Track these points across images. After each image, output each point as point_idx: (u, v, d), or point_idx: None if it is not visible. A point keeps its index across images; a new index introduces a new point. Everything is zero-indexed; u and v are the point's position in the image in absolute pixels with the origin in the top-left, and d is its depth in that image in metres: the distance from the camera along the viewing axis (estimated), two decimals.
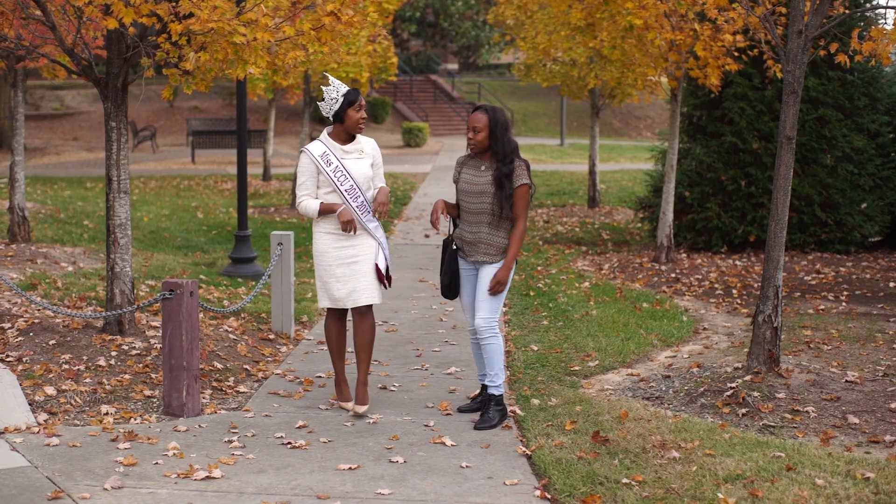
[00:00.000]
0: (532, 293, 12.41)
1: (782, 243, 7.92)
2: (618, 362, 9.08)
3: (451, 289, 7.47)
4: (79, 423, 7.20)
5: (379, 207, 7.44)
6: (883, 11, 16.07)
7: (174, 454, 6.54)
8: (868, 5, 15.12)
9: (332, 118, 7.42)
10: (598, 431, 6.85)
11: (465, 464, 6.42)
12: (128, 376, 8.03)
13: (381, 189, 7.53)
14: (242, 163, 13.49)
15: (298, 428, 7.16)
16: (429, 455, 6.62)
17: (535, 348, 9.55)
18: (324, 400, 7.90)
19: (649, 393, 8.08)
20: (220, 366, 8.55)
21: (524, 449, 6.69)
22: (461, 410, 7.59)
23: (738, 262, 14.52)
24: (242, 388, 8.19)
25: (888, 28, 8.48)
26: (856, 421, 7.18)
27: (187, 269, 13.47)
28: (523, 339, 9.93)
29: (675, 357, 9.25)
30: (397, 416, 7.50)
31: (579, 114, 47.41)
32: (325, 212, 7.39)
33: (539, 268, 14.36)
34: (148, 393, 7.78)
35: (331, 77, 7.41)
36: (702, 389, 7.87)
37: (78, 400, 7.56)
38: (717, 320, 10.90)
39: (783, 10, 11.92)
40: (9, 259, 13.07)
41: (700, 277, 13.36)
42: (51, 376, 7.89)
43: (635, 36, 13.49)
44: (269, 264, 9.67)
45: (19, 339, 8.69)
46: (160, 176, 28.76)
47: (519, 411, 7.50)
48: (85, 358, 8.29)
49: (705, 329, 10.44)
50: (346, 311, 7.69)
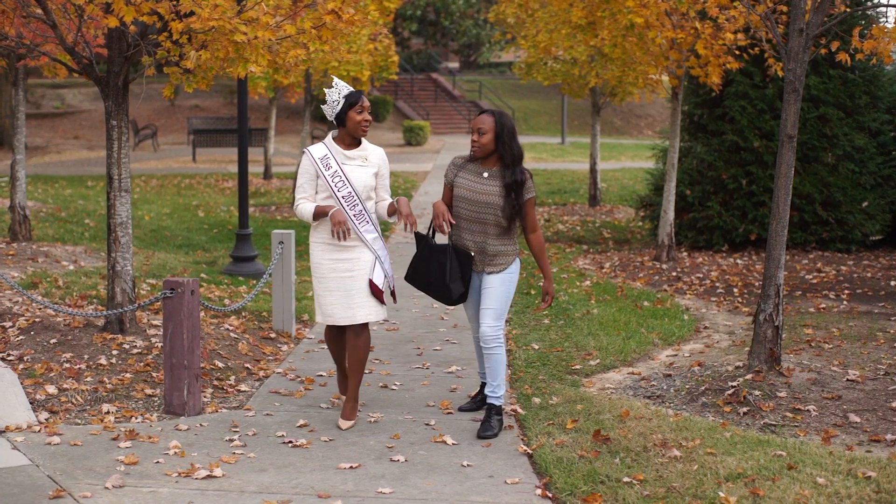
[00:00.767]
0: (533, 292, 12.41)
1: (783, 242, 7.92)
2: (619, 361, 9.08)
3: (465, 296, 7.20)
4: (80, 421, 7.20)
5: (408, 219, 6.97)
6: (884, 10, 16.06)
7: (175, 453, 6.54)
8: (869, 3, 15.11)
9: (334, 121, 7.11)
10: (600, 430, 6.84)
11: (467, 462, 6.41)
12: (129, 375, 8.03)
13: (400, 200, 7.12)
14: (243, 161, 13.49)
15: (299, 427, 7.16)
16: (430, 454, 6.62)
17: (536, 347, 9.55)
18: (325, 399, 7.90)
19: (650, 392, 8.07)
20: (221, 364, 8.55)
21: (525, 448, 6.69)
22: (462, 409, 7.55)
23: (739, 261, 14.52)
24: (243, 387, 8.19)
25: (889, 26, 8.48)
26: (857, 420, 7.17)
27: (188, 268, 13.47)
28: (524, 338, 9.93)
29: (676, 356, 9.25)
30: (398, 414, 7.50)
31: (580, 112, 47.41)
32: (319, 215, 7.04)
33: None
34: (149, 392, 7.78)
35: (336, 78, 7.11)
36: (703, 388, 7.87)
37: (79, 399, 7.56)
38: (718, 319, 10.90)
39: (784, 9, 11.92)
40: (10, 258, 13.07)
41: (701, 276, 13.36)
42: (52, 375, 7.89)
43: (636, 34, 13.49)
44: (270, 263, 9.67)
45: (20, 337, 8.69)
46: (161, 174, 28.76)
47: (520, 410, 7.50)
48: (86, 357, 8.29)
49: (706, 328, 10.44)
50: (343, 329, 7.31)
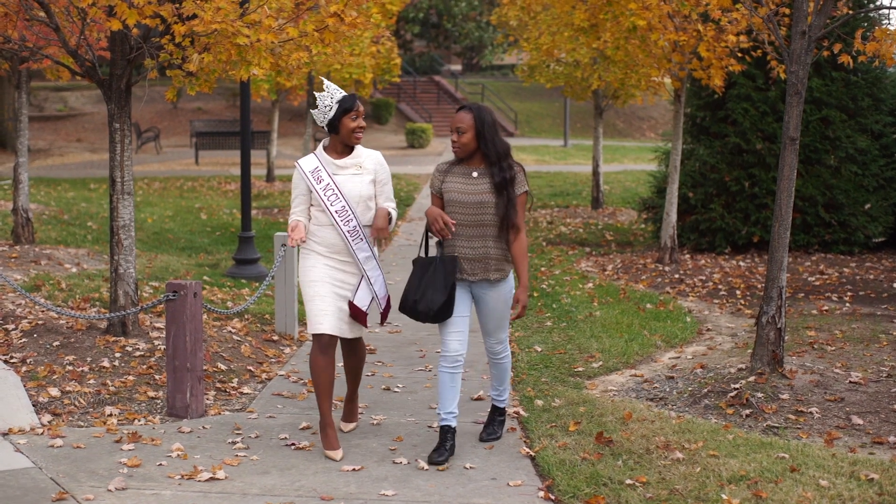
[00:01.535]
0: (536, 294, 12.41)
1: (786, 244, 7.92)
2: (621, 363, 9.07)
3: (447, 309, 6.40)
4: (83, 424, 7.21)
5: (375, 234, 6.53)
6: (886, 12, 16.07)
7: (178, 455, 6.54)
8: (872, 6, 15.11)
9: (326, 128, 6.58)
10: (602, 432, 6.84)
11: (469, 465, 6.41)
12: (131, 377, 8.03)
13: (378, 211, 6.59)
14: (246, 164, 13.49)
15: (302, 429, 7.16)
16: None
17: (539, 349, 9.55)
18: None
19: (653, 394, 8.07)
20: (223, 367, 8.56)
21: (528, 450, 6.68)
22: (432, 463, 6.46)
23: (741, 263, 14.51)
24: (246, 390, 8.19)
25: (892, 28, 8.48)
26: (860, 422, 7.17)
27: (191, 271, 13.48)
28: (527, 340, 9.93)
29: (678, 358, 9.25)
30: (401, 417, 7.50)
31: (583, 115, 47.43)
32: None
33: (543, 269, 14.36)
34: (152, 394, 7.78)
35: (326, 82, 6.60)
36: (705, 390, 7.86)
37: (82, 401, 7.57)
38: (720, 321, 10.89)
39: (787, 11, 11.92)
40: (13, 260, 13.08)
41: (704, 278, 13.35)
42: (55, 377, 7.89)
43: (639, 37, 13.49)
44: (273, 265, 9.67)
45: (23, 340, 8.69)
46: (164, 177, 28.78)
47: (523, 412, 7.50)
48: (89, 359, 8.30)
49: (709, 330, 10.44)
50: (334, 342, 6.60)
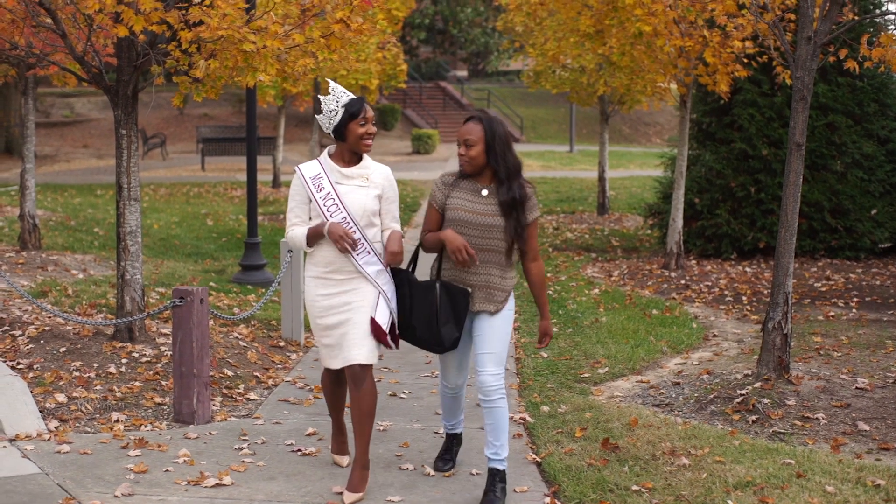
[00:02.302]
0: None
1: (792, 250, 7.92)
2: (627, 369, 9.07)
3: (458, 342, 5.99)
4: (89, 430, 7.22)
5: (389, 259, 5.96)
6: (892, 17, 16.04)
7: (185, 461, 6.55)
8: (877, 11, 15.11)
9: (332, 134, 6.07)
10: (608, 438, 6.84)
11: (475, 471, 6.41)
12: (138, 383, 8.04)
13: (392, 234, 6.05)
14: (252, 170, 13.51)
15: (308, 435, 7.16)
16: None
17: (545, 355, 9.55)
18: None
19: (659, 400, 8.07)
20: (230, 373, 8.56)
21: (534, 456, 6.68)
22: (438, 470, 6.43)
23: (747, 269, 14.50)
24: (252, 396, 8.20)
25: None
26: (866, 428, 7.16)
27: (197, 277, 13.49)
28: (533, 346, 9.92)
29: (684, 364, 9.25)
30: (407, 423, 7.50)
31: (589, 120, 47.41)
32: (314, 237, 6.00)
33: (549, 275, 14.36)
34: (158, 400, 7.79)
35: (332, 84, 6.10)
36: (712, 396, 7.86)
37: (88, 407, 7.58)
38: (726, 327, 10.89)
39: (792, 17, 11.92)
40: (20, 266, 13.10)
41: (710, 284, 13.35)
42: (61, 383, 7.90)
43: (644, 42, 13.50)
44: (279, 271, 9.69)
45: (30, 346, 8.71)
46: (170, 183, 28.81)
47: (529, 418, 7.49)
48: (95, 365, 8.31)
49: (715, 336, 10.44)
50: (343, 371, 6.23)
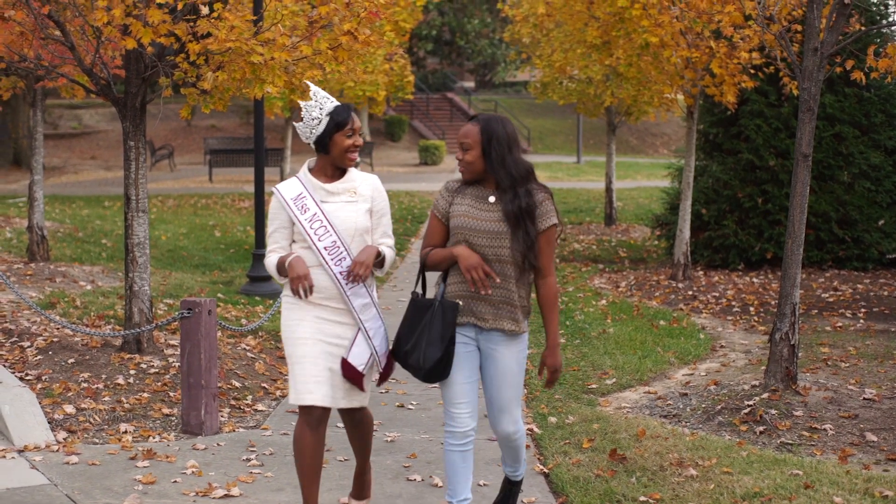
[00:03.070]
0: (568, 323, 12.39)
1: (799, 260, 7.92)
2: (635, 380, 9.07)
3: (443, 367, 5.23)
4: (98, 441, 7.23)
5: (353, 268, 5.28)
6: None
7: (192, 472, 6.56)
8: (884, 22, 15.12)
9: (313, 146, 5.40)
10: (616, 449, 6.84)
11: (483, 482, 6.41)
12: (146, 395, 8.06)
13: (365, 248, 5.37)
14: (260, 181, 13.53)
15: None
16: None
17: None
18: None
19: (666, 411, 8.07)
20: (238, 384, 8.57)
21: (541, 467, 6.69)
22: None
23: (755, 280, 14.50)
24: (260, 407, 8.21)
25: None
26: (874, 438, 7.16)
27: (205, 288, 13.51)
28: (540, 357, 9.92)
29: (692, 375, 9.24)
30: (415, 434, 7.51)
31: (596, 131, 47.44)
32: (280, 269, 5.38)
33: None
34: (166, 411, 7.81)
35: (314, 88, 5.43)
36: (719, 407, 7.86)
37: (97, 418, 7.59)
38: (734, 338, 10.88)
39: (799, 28, 11.94)
40: (28, 278, 13.13)
41: (717, 295, 13.34)
42: (70, 395, 7.92)
43: (651, 54, 13.52)
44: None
45: (38, 357, 8.73)
46: (178, 194, 28.87)
47: (536, 429, 7.50)
48: (104, 376, 8.33)
49: (722, 347, 10.43)
50: (327, 415, 5.43)
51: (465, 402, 5.24)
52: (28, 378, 8.20)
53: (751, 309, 12.39)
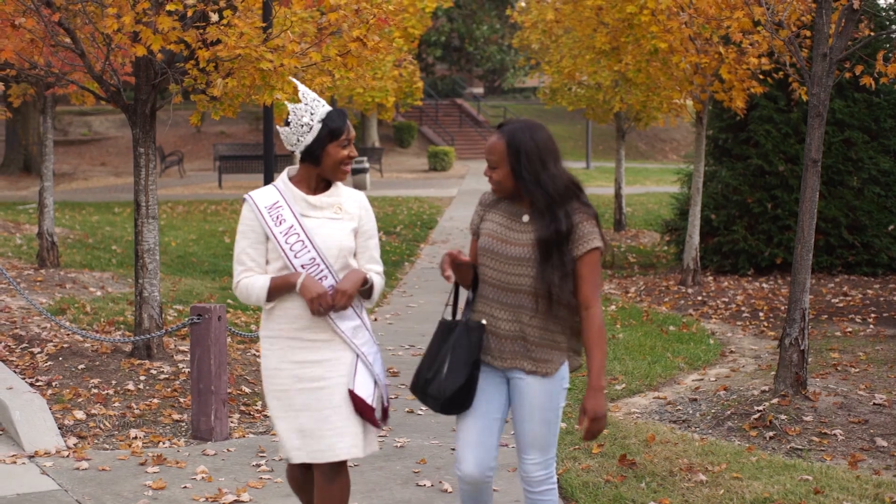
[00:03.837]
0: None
1: (808, 266, 7.91)
2: (644, 385, 9.06)
3: (465, 396, 4.55)
4: (108, 447, 7.25)
5: (334, 295, 4.54)
6: None
7: (203, 478, 6.57)
8: (893, 27, 15.10)
9: (300, 154, 4.66)
10: (625, 455, 6.84)
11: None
12: (156, 400, 8.07)
13: (350, 272, 4.63)
14: None
15: None
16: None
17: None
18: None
19: (676, 416, 8.06)
20: (248, 390, 8.59)
21: None
22: None
23: (764, 285, 14.48)
24: None
25: None
26: (884, 444, 7.14)
27: (215, 294, 13.53)
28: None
29: (701, 380, 9.24)
30: (424, 439, 7.51)
31: (605, 137, 47.44)
32: (278, 290, 4.61)
33: None
34: (176, 417, 7.82)
35: (303, 89, 4.70)
36: (729, 412, 7.85)
37: (107, 424, 7.61)
38: (743, 343, 10.87)
39: (808, 34, 11.91)
40: (38, 284, 13.16)
41: (727, 300, 13.33)
42: (80, 400, 7.94)
43: (660, 59, 13.52)
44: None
45: (49, 363, 8.75)
46: (187, 201, 28.91)
47: None
48: (114, 382, 8.35)
49: (732, 352, 10.42)
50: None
51: (472, 446, 4.59)
52: (38, 384, 8.22)
53: (760, 314, 12.38)
